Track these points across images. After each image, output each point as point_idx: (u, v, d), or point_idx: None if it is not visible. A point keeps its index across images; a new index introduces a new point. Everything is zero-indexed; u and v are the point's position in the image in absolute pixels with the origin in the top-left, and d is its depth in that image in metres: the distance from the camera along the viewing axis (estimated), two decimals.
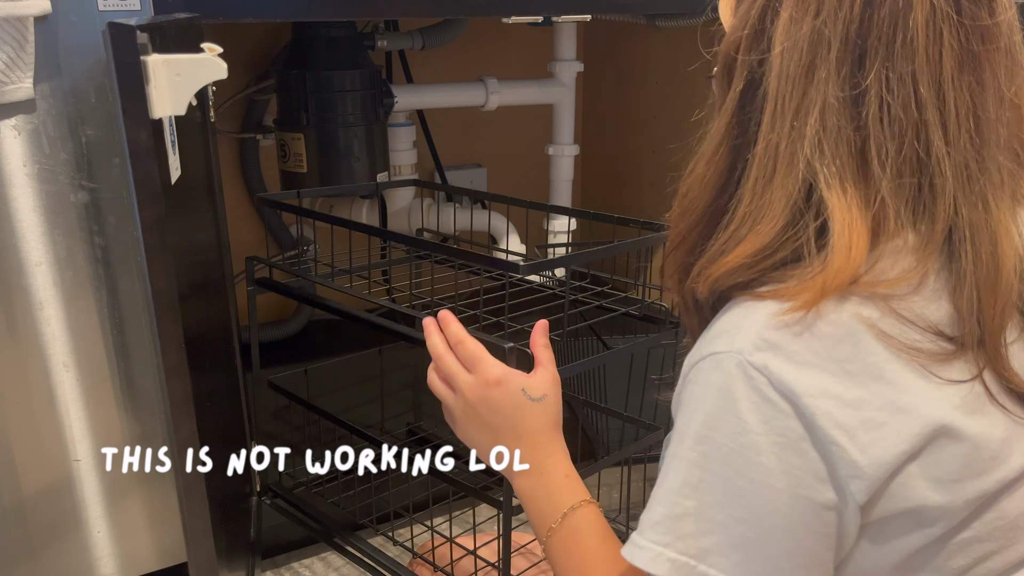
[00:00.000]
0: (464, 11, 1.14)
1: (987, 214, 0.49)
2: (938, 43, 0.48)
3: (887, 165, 0.49)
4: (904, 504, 0.48)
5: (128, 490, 1.01)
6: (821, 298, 0.47)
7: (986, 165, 0.49)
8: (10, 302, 0.89)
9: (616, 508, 1.36)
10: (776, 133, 0.50)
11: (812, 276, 0.48)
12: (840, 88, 0.49)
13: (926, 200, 0.49)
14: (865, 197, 0.49)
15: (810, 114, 0.49)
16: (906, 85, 0.48)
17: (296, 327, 1.68)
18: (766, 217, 0.51)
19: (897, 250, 0.50)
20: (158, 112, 0.68)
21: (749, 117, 0.52)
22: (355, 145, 1.40)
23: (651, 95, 1.81)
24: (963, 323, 0.49)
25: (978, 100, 0.49)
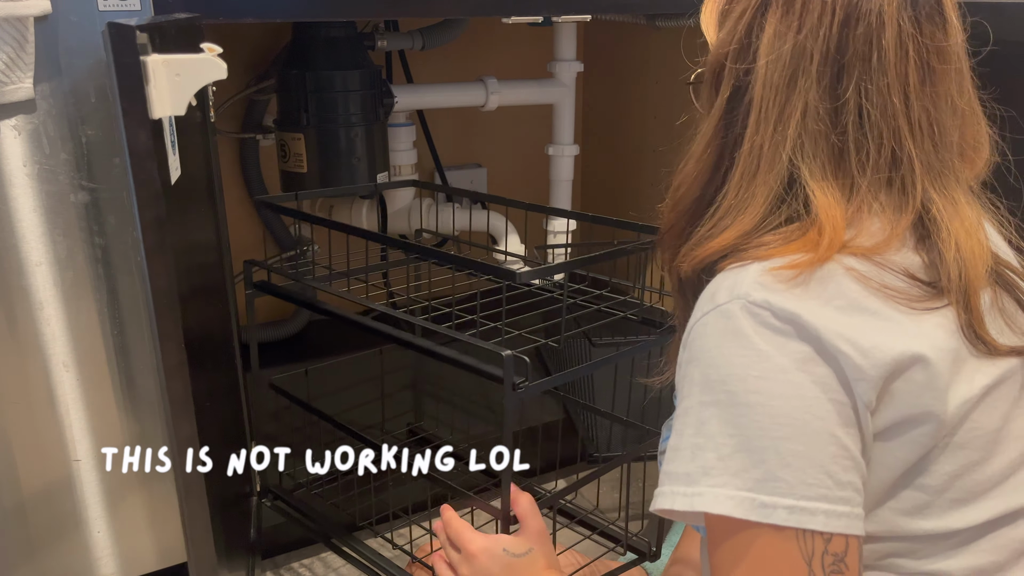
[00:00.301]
0: (464, 11, 1.14)
1: (955, 203, 0.57)
2: (905, 59, 0.56)
3: (867, 164, 0.56)
4: (903, 409, 0.53)
5: (128, 490, 1.01)
6: (814, 263, 0.54)
7: (945, 164, 0.57)
8: (10, 302, 0.89)
9: (615, 508, 1.36)
10: (760, 135, 0.57)
11: (794, 239, 0.55)
12: (820, 97, 0.56)
13: (897, 192, 0.56)
14: (843, 189, 0.56)
15: (792, 118, 0.56)
16: (883, 95, 0.55)
17: (295, 328, 1.68)
18: (749, 208, 0.57)
19: (873, 232, 0.56)
20: (158, 112, 0.68)
21: (735, 120, 0.58)
22: (355, 145, 1.40)
23: (651, 95, 1.81)
24: (942, 273, 0.55)
25: (936, 109, 0.57)
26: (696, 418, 0.54)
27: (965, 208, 0.57)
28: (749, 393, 0.52)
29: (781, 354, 0.52)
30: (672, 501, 0.54)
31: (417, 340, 0.93)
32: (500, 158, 1.95)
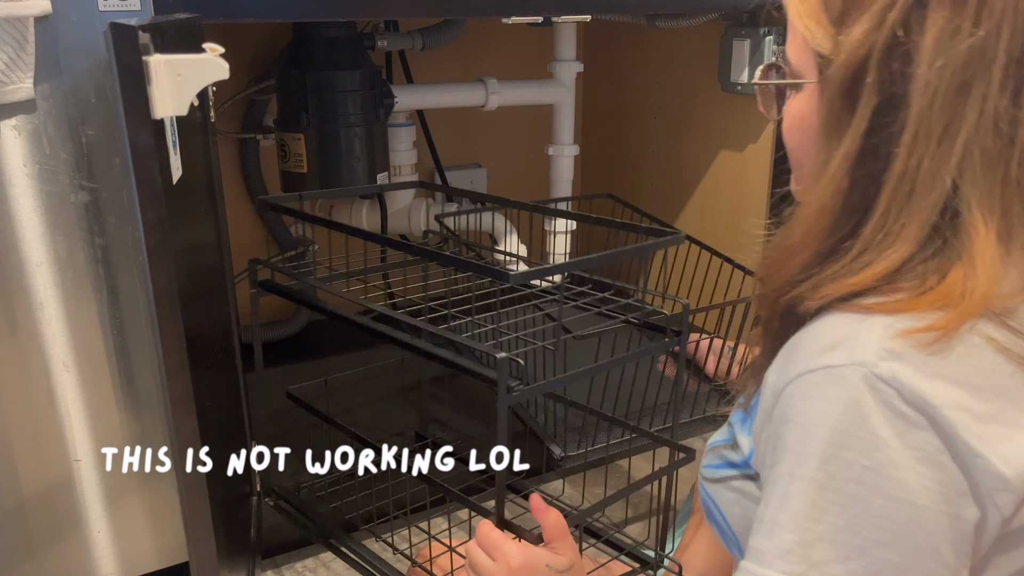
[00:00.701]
0: (464, 11, 1.14)
1: None
2: None
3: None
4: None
5: (128, 490, 1.01)
6: (959, 322, 0.45)
7: None
8: (10, 302, 0.89)
9: (624, 515, 1.36)
10: (917, 154, 0.47)
11: (927, 292, 0.46)
12: (1003, 108, 0.46)
13: None
14: (1005, 224, 0.47)
15: (962, 133, 0.46)
16: None
17: (296, 327, 1.68)
18: (898, 241, 0.48)
19: (1010, 286, 0.48)
20: (159, 112, 0.68)
21: (885, 138, 0.48)
22: (355, 145, 1.40)
23: (651, 95, 1.81)
24: None
25: None
26: (783, 490, 0.47)
27: None
28: (852, 483, 0.45)
29: (901, 446, 0.44)
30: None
31: (415, 341, 0.93)
32: (500, 158, 1.95)
